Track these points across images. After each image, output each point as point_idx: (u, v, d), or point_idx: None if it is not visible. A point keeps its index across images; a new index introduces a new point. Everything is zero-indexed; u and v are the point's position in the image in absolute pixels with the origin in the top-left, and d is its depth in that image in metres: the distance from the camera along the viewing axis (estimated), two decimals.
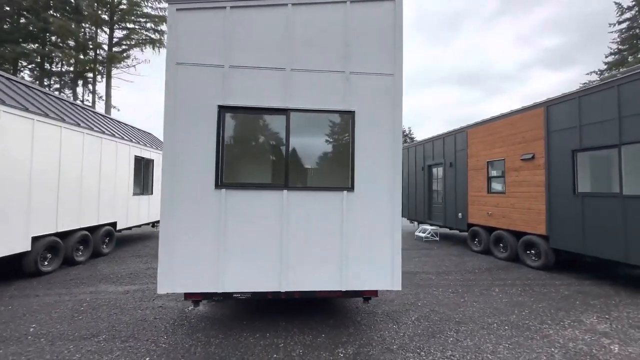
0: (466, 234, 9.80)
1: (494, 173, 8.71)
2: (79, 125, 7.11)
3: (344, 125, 3.82)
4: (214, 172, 3.56)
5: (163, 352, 3.28)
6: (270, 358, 3.20)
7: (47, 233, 6.22)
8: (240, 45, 3.68)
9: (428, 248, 9.73)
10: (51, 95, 7.69)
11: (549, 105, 7.00)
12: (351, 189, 3.72)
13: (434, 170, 11.69)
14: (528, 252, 7.44)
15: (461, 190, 9.87)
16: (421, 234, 11.25)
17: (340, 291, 3.70)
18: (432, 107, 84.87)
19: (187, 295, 3.59)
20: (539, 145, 7.22)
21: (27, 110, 5.75)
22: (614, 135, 5.69)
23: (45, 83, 22.52)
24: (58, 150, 6.49)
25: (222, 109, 3.63)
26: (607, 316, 4.45)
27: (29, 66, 23.01)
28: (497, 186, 8.62)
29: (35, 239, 5.94)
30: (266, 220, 3.61)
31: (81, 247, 7.27)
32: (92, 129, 7.54)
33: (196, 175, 3.55)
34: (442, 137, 11.07)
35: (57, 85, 23.78)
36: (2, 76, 6.35)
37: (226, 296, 3.62)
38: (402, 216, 13.30)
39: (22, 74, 22.59)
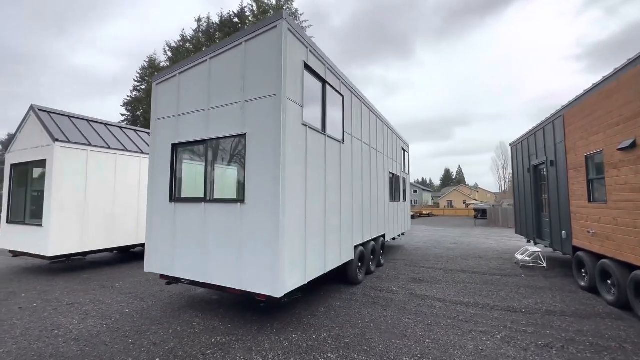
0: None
1: (593, 173, 5.86)
2: None
3: (242, 147, 4.43)
4: (169, 191, 5.09)
5: (140, 307, 5.01)
6: (176, 328, 4.26)
7: None
8: (183, 98, 5.10)
9: (508, 275, 7.45)
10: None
11: None
12: (243, 201, 4.27)
13: (541, 171, 8.70)
14: None
15: (563, 199, 7.04)
16: (519, 257, 8.56)
17: (238, 290, 4.25)
18: None
19: (160, 276, 5.20)
20: None
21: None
22: None
23: None
24: None
25: (174, 146, 5.13)
26: None
27: None
28: (598, 192, 5.75)
29: None
30: (193, 225, 4.74)
31: None
32: None
33: (161, 192, 5.18)
34: (542, 127, 8.22)
35: None
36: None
37: (178, 281, 4.97)
38: (516, 233, 10.54)
39: None
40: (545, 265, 8.14)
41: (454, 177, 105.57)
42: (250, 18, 33.52)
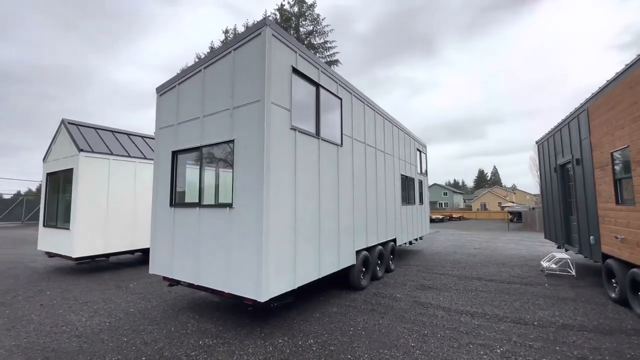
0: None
1: (620, 172, 5.27)
2: None
3: (231, 153, 4.52)
4: (169, 196, 5.31)
5: (144, 307, 5.25)
6: (170, 328, 4.41)
7: None
8: (182, 107, 5.32)
9: (529, 284, 6.87)
10: None
11: None
12: (232, 206, 4.34)
13: (567, 170, 7.98)
14: None
15: (590, 200, 6.40)
16: (544, 264, 7.87)
17: (227, 293, 4.31)
18: None
19: (163, 278, 5.42)
20: None
21: None
22: None
23: None
24: None
25: (174, 153, 5.36)
26: None
27: None
28: (625, 193, 5.15)
29: None
30: (189, 229, 4.90)
31: None
32: None
33: (163, 197, 5.43)
34: (567, 122, 7.55)
35: None
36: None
37: (178, 282, 5.15)
38: (545, 238, 9.79)
39: None
40: (574, 273, 7.41)
41: (488, 179, 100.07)
42: None
